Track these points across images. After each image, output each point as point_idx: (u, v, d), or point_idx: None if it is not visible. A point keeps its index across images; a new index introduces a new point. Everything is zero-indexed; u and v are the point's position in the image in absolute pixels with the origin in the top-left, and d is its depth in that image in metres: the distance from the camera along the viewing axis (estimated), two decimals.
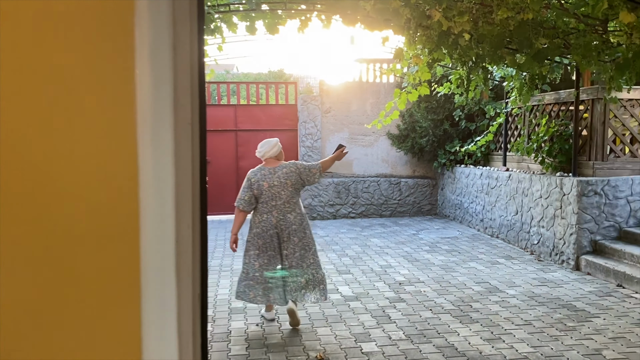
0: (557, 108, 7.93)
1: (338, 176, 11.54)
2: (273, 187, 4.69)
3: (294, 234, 4.70)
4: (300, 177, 4.77)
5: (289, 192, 4.70)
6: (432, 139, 10.89)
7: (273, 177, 4.72)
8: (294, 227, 4.69)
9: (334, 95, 11.53)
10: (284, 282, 4.74)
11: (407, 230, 9.81)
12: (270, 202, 4.68)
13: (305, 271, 4.73)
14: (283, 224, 4.67)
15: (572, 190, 6.84)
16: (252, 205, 4.77)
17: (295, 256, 4.70)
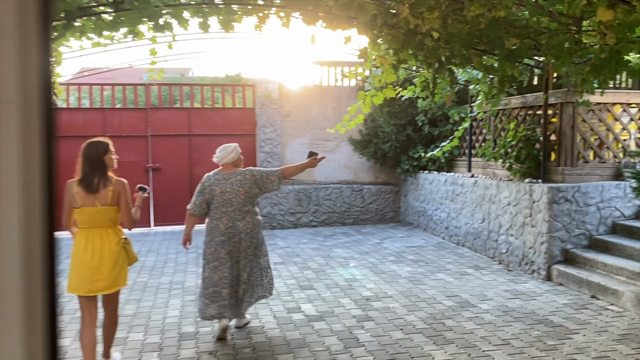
0: (524, 112, 7.72)
1: (299, 183, 11.08)
2: (225, 193, 4.61)
3: (242, 242, 4.62)
4: (256, 184, 4.69)
5: (240, 200, 4.62)
6: (395, 145, 10.56)
7: (226, 183, 4.64)
8: (242, 235, 4.61)
9: (294, 99, 11.07)
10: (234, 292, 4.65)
11: (371, 239, 9.43)
12: (221, 208, 4.60)
13: (244, 282, 4.66)
14: (231, 231, 4.58)
15: (543, 197, 6.59)
16: (203, 210, 4.72)
17: (240, 264, 4.63)
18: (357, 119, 6.92)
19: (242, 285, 4.66)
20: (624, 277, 5.73)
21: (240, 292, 4.66)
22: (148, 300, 5.90)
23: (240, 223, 4.60)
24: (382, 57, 6.10)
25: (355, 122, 6.93)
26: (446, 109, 9.76)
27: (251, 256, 4.69)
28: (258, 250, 4.77)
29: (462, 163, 9.53)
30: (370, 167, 11.38)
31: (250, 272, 4.71)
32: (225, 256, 4.58)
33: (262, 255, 4.84)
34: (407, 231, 10.23)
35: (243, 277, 4.66)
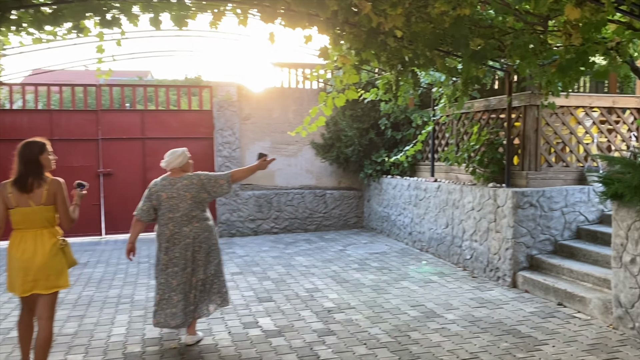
0: (487, 116, 7.59)
1: (259, 188, 10.71)
2: (171, 198, 4.54)
3: (188, 248, 4.52)
4: (204, 188, 4.61)
5: (187, 205, 4.53)
6: (357, 149, 10.33)
7: (172, 188, 4.56)
8: (188, 241, 4.51)
9: (254, 101, 10.72)
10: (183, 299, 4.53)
11: (334, 246, 9.15)
12: (168, 214, 4.53)
13: (193, 287, 4.57)
14: (177, 237, 4.51)
15: (507, 202, 6.45)
16: (150, 216, 4.66)
17: (187, 272, 4.53)
18: (318, 122, 6.64)
19: (192, 291, 4.56)
20: (590, 283, 5.61)
21: (191, 298, 4.56)
22: (92, 317, 5.44)
23: (186, 228, 4.52)
24: (344, 57, 5.84)
25: (316, 124, 6.64)
26: (409, 112, 9.59)
27: (201, 262, 4.58)
28: (210, 257, 4.65)
29: (426, 167, 9.36)
30: (333, 171, 11.12)
31: (203, 280, 4.62)
32: (171, 262, 4.52)
33: (215, 262, 4.71)
34: (371, 237, 9.99)
35: (193, 282, 4.57)
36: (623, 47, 4.97)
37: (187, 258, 4.52)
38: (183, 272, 4.52)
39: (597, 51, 4.84)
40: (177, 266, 4.51)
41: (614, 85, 9.48)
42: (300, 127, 6.81)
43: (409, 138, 9.73)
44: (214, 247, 4.69)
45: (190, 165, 4.75)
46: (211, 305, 4.68)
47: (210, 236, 4.65)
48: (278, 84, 10.91)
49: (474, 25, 5.21)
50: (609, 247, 5.99)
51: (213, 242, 4.68)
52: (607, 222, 6.57)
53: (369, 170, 10.26)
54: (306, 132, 6.77)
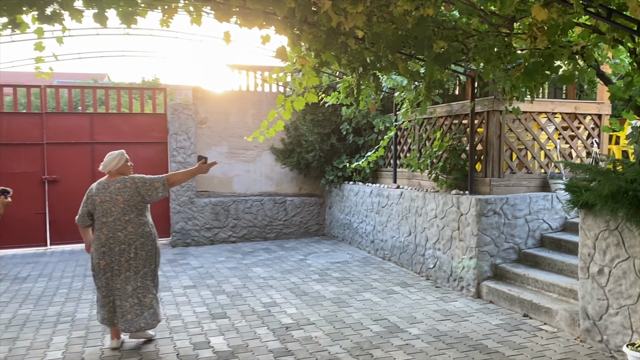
0: (450, 121, 7.43)
1: (216, 195, 10.29)
2: (104, 202, 4.47)
3: (122, 254, 4.45)
4: (138, 192, 4.52)
5: (120, 209, 4.45)
6: (319, 154, 10.05)
7: (105, 192, 4.49)
8: (123, 247, 4.44)
9: (211, 104, 10.30)
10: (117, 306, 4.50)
11: (294, 255, 8.82)
12: (102, 218, 4.47)
13: (130, 295, 4.48)
14: (112, 242, 4.43)
15: (471, 209, 6.27)
16: (86, 222, 4.60)
17: (120, 278, 4.47)
18: (276, 126, 6.31)
19: (128, 299, 4.48)
20: (555, 294, 5.46)
21: (127, 306, 4.49)
22: (26, 339, 4.94)
23: (120, 234, 4.45)
24: (303, 58, 5.54)
25: (275, 129, 6.31)
26: (371, 117, 9.38)
27: (136, 269, 4.51)
28: (146, 265, 4.57)
29: (388, 174, 9.16)
30: (293, 177, 10.80)
31: (138, 287, 4.52)
32: (104, 268, 4.47)
33: (151, 272, 4.62)
34: (332, 245, 9.71)
35: (127, 290, 4.49)
36: (588, 51, 4.85)
37: (121, 264, 4.47)
38: (118, 277, 4.47)
39: (562, 55, 4.69)
40: (112, 272, 4.46)
41: (572, 90, 9.50)
42: (258, 132, 6.48)
43: (371, 144, 9.51)
44: (152, 256, 4.60)
45: (128, 168, 4.68)
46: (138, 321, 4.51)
47: (146, 242, 4.54)
48: (236, 87, 10.53)
49: (438, 26, 5.00)
50: (573, 255, 5.89)
51: (149, 249, 4.57)
52: (570, 229, 6.48)
53: (331, 177, 9.99)
54: (264, 137, 6.43)
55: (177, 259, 8.62)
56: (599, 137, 7.06)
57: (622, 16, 4.16)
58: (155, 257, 4.63)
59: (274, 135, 6.50)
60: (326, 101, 7.55)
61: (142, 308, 4.51)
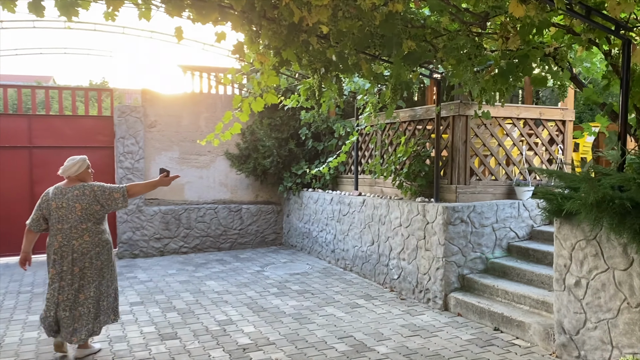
0: (413, 126, 7.17)
1: (166, 204, 9.70)
2: (61, 208, 4.34)
3: (75, 263, 4.34)
4: (97, 201, 4.41)
5: (77, 217, 4.34)
6: (276, 160, 9.63)
7: (62, 198, 4.36)
8: (76, 255, 4.33)
9: (161, 107, 9.72)
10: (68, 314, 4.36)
11: (251, 267, 8.35)
12: (57, 224, 4.34)
13: (80, 304, 4.37)
14: (65, 250, 4.32)
15: (437, 217, 6.00)
16: (40, 226, 4.45)
17: (74, 287, 4.35)
18: (233, 129, 5.87)
19: (79, 307, 4.37)
20: (527, 306, 5.24)
21: (76, 314, 4.37)
22: None
23: (75, 242, 4.33)
24: (262, 56, 5.13)
25: (231, 132, 5.87)
26: (331, 122, 9.04)
27: (91, 278, 4.39)
28: (102, 275, 4.47)
29: (349, 180, 8.83)
30: (249, 184, 10.33)
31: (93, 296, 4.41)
32: (57, 276, 4.34)
33: (108, 280, 4.53)
34: (290, 255, 9.29)
35: (80, 299, 4.38)
36: (562, 53, 4.66)
37: (74, 273, 4.36)
38: (70, 287, 4.35)
39: (535, 56, 4.48)
40: (64, 280, 4.34)
41: (529, 96, 9.46)
42: (212, 135, 6.01)
43: (331, 149, 9.17)
44: (107, 262, 4.51)
45: (89, 174, 4.56)
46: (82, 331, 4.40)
47: (102, 252, 4.46)
48: (188, 88, 10.00)
49: (406, 24, 4.71)
50: (542, 265, 5.70)
51: (106, 258, 4.49)
52: (537, 238, 6.31)
53: (289, 183, 9.58)
54: (219, 140, 5.98)
55: (123, 272, 7.99)
56: (563, 143, 6.96)
57: (600, 15, 3.98)
58: (113, 266, 4.57)
59: (230, 139, 6.06)
60: (285, 104, 7.16)
61: (89, 319, 4.40)
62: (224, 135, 5.84)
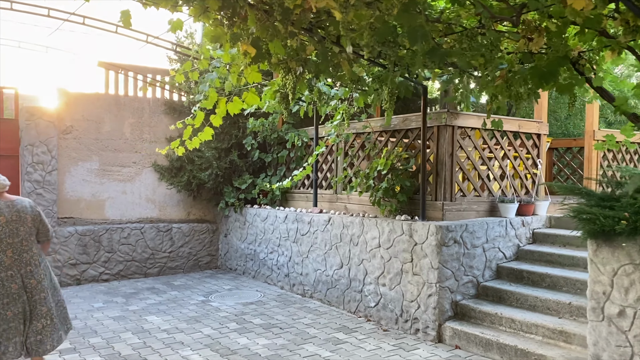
0: (386, 137, 6.55)
1: (83, 223, 8.26)
2: (12, 222, 4.08)
3: (30, 276, 4.10)
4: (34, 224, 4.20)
5: (27, 229, 4.14)
6: (216, 173, 8.56)
7: (12, 210, 4.10)
8: (29, 269, 4.10)
9: (79, 110, 8.30)
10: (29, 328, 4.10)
11: (192, 296, 7.21)
12: (7, 239, 4.05)
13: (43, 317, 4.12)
14: (18, 264, 4.07)
15: (429, 238, 5.38)
16: None
17: (35, 298, 4.11)
18: (203, 134, 4.83)
19: (41, 320, 4.12)
20: (539, 336, 4.74)
21: (39, 327, 4.11)
22: None
23: (26, 255, 4.11)
24: (250, 47, 4.22)
25: (200, 138, 4.82)
26: (282, 131, 8.19)
27: (48, 289, 4.19)
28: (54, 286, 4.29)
29: (302, 196, 8.01)
30: (180, 200, 9.14)
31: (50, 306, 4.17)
32: (17, 291, 4.04)
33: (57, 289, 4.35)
34: (233, 280, 8.24)
35: (42, 311, 4.13)
36: (589, 58, 4.25)
37: (30, 286, 4.11)
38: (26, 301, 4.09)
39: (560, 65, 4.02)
40: (19, 296, 4.06)
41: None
42: (177, 142, 4.94)
43: (281, 161, 8.29)
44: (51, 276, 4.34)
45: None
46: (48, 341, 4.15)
47: (47, 264, 4.31)
48: (112, 89, 8.65)
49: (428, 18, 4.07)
50: (541, 288, 5.28)
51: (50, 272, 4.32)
52: (525, 258, 5.91)
53: (231, 199, 8.55)
54: (183, 149, 4.91)
55: None
56: (538, 157, 6.69)
57: None
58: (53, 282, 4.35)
59: (198, 146, 5.00)
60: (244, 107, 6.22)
61: (53, 328, 4.17)
62: (191, 143, 4.80)
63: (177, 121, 8.88)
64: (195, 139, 4.79)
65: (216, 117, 4.60)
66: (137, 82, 8.81)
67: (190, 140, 4.79)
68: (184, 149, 4.93)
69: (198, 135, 4.70)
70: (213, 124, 4.55)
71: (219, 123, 4.61)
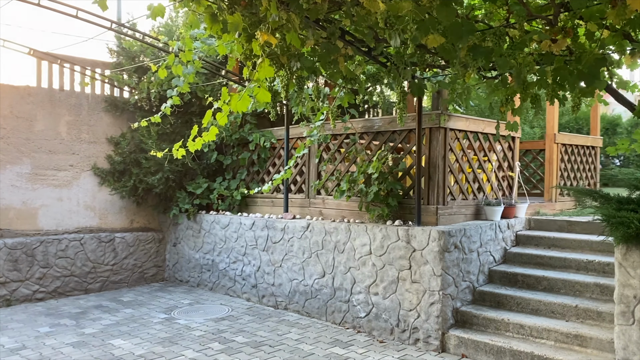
0: (368, 139, 6.29)
1: (12, 235, 7.20)
2: None
3: None
4: None
5: None
6: (167, 176, 7.83)
7: None
8: None
9: (6, 105, 7.21)
10: None
11: (151, 314, 6.49)
12: None
13: None
14: None
15: (430, 244, 5.18)
16: None
17: None
18: (208, 135, 4.24)
19: None
20: (551, 340, 4.70)
21: None
22: None
23: None
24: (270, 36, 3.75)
25: (203, 139, 4.22)
26: (245, 132, 7.65)
27: None
28: None
29: (266, 201, 7.52)
30: (122, 207, 8.27)
31: None
32: None
33: None
34: (188, 294, 7.56)
35: None
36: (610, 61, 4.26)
37: None
38: None
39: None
40: None
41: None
42: (177, 145, 4.29)
43: (243, 164, 7.75)
44: None
45: None
46: None
47: None
48: (45, 83, 7.62)
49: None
50: (539, 291, 5.28)
51: None
52: (513, 261, 5.91)
53: (185, 205, 7.84)
54: (184, 150, 4.30)
55: None
56: (513, 160, 6.76)
57: None
58: None
59: (199, 147, 4.37)
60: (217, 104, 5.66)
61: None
62: (194, 144, 4.20)
63: (119, 120, 8.11)
64: (199, 140, 4.19)
65: (222, 116, 4.05)
66: (75, 75, 7.84)
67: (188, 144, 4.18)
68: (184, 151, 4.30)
69: (205, 135, 4.10)
70: (219, 123, 4.00)
71: (224, 122, 4.06)
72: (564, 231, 6.18)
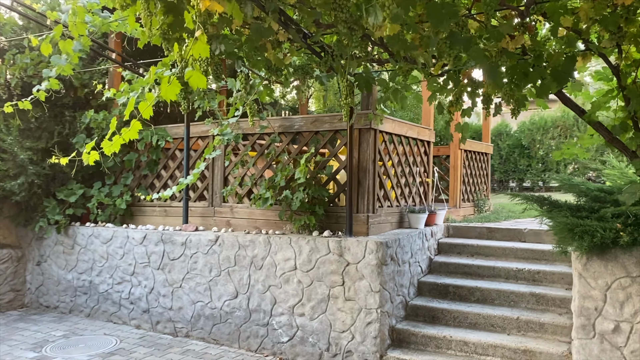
0: (286, 140, 5.62)
1: None
2: None
3: None
4: None
5: None
6: (32, 181, 6.40)
7: None
8: None
9: None
10: None
11: (14, 352, 5.16)
12: None
13: None
14: None
15: (367, 257, 4.67)
16: None
17: None
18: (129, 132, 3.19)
19: None
20: (497, 357, 4.43)
21: None
22: None
23: None
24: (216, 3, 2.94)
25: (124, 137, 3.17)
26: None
27: None
28: None
29: (155, 210, 6.47)
30: None
31: None
32: None
33: None
34: (59, 323, 6.23)
35: None
36: None
37: None
38: None
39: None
40: None
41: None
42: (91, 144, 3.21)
43: (129, 166, 6.59)
44: None
45: None
46: None
47: None
48: None
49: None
50: (474, 303, 5.05)
51: None
52: (439, 271, 5.64)
53: (56, 216, 6.47)
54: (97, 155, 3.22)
55: None
56: (428, 165, 6.54)
57: None
58: None
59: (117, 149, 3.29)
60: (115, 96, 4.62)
61: None
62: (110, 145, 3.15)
63: None
64: (117, 138, 3.14)
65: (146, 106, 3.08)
66: None
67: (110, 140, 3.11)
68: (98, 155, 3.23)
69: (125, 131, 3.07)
70: (142, 116, 3.04)
71: (149, 114, 3.12)
72: (484, 238, 6.07)
